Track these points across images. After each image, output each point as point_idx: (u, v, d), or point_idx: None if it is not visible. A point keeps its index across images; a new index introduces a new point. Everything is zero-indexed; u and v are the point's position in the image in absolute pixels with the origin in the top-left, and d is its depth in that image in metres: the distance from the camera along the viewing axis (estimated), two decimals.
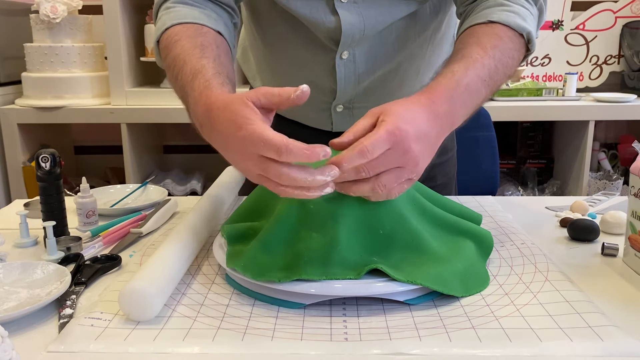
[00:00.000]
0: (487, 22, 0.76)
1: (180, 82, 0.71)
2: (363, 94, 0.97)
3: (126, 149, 2.07)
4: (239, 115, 0.60)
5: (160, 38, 0.80)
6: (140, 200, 1.06)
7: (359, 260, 0.65)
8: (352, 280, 0.63)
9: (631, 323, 0.60)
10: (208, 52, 0.73)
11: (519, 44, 0.77)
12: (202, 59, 0.71)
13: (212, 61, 0.71)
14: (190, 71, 0.70)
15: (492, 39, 0.74)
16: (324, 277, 0.63)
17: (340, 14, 0.86)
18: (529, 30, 0.77)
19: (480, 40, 0.74)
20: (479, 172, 1.42)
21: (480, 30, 0.75)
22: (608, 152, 2.47)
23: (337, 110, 0.99)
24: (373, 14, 0.87)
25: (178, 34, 0.76)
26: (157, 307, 0.61)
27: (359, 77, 0.94)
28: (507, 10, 0.77)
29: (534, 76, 2.43)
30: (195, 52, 0.72)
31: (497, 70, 0.72)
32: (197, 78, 0.68)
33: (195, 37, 0.75)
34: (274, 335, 0.58)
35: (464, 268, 0.68)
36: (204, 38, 0.76)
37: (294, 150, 0.56)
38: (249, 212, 0.77)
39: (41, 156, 0.82)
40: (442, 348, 0.56)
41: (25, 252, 0.83)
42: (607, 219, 0.87)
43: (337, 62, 0.92)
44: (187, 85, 0.69)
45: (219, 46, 0.77)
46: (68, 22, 2.03)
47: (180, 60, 0.72)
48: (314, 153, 0.55)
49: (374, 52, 0.93)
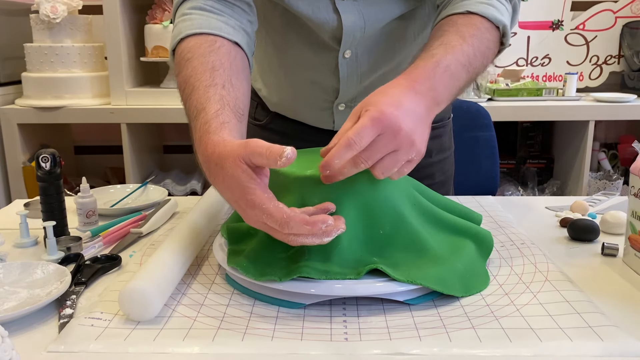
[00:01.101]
0: (466, 12, 0.78)
1: (187, 111, 0.72)
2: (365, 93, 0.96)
3: (126, 149, 2.07)
4: (237, 180, 0.60)
5: (175, 48, 0.79)
6: (140, 200, 1.06)
7: (359, 260, 0.65)
8: (352, 280, 0.63)
9: (631, 323, 0.60)
10: (218, 77, 0.72)
11: (495, 36, 0.79)
12: (210, 88, 0.70)
13: (219, 89, 0.70)
14: (195, 106, 0.69)
15: (470, 28, 0.76)
16: (324, 277, 0.63)
17: (340, 12, 0.87)
18: (505, 24, 0.79)
19: (459, 29, 0.75)
20: (479, 172, 1.42)
21: (458, 20, 0.77)
22: (608, 152, 2.47)
23: (339, 109, 1.00)
24: (372, 11, 0.87)
25: (191, 51, 0.76)
26: (157, 307, 0.61)
27: (361, 75, 0.95)
28: (485, 2, 0.79)
29: (534, 76, 2.43)
30: (204, 77, 0.71)
31: (476, 57, 0.74)
32: (199, 117, 0.68)
33: (208, 56, 0.74)
34: (274, 335, 0.58)
35: (464, 268, 0.68)
36: (217, 56, 0.75)
37: (295, 226, 0.57)
38: None
39: (41, 156, 0.82)
40: (442, 348, 0.56)
41: (25, 252, 0.83)
42: (607, 219, 0.87)
43: (339, 61, 0.92)
44: (192, 120, 0.70)
45: (232, 63, 0.75)
46: (68, 22, 2.03)
47: (189, 86, 0.72)
48: (315, 227, 0.57)
49: (375, 51, 0.93)
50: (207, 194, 0.91)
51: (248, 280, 0.65)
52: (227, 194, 0.63)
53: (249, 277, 0.65)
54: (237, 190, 0.60)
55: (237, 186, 0.60)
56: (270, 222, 0.58)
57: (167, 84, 2.14)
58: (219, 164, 0.62)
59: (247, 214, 0.60)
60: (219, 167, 0.62)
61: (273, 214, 0.57)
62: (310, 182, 0.67)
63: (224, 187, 0.62)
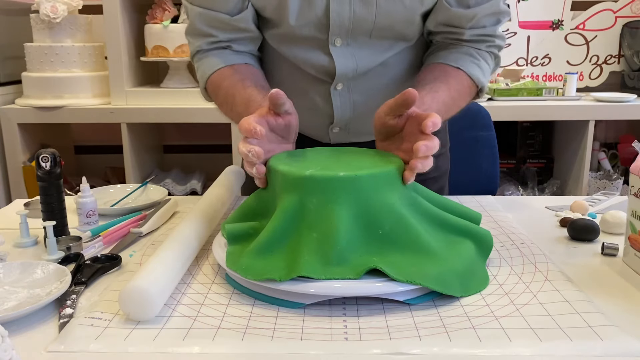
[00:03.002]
0: (457, 68, 0.91)
1: (237, 110, 0.87)
2: (359, 118, 1.02)
3: (126, 148, 2.07)
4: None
5: (205, 85, 0.96)
6: (140, 200, 1.06)
7: (358, 260, 0.65)
8: (352, 280, 0.63)
9: (631, 323, 0.60)
10: (248, 82, 0.89)
11: (473, 92, 0.94)
12: (247, 88, 0.87)
13: (255, 88, 0.87)
14: (242, 101, 0.86)
15: (457, 84, 0.90)
16: (323, 277, 0.63)
17: (334, 56, 0.92)
18: (484, 85, 0.95)
19: (449, 80, 0.89)
20: (479, 172, 1.42)
21: (450, 73, 0.90)
22: (608, 152, 2.47)
23: (333, 131, 1.04)
24: (365, 54, 0.93)
25: (219, 78, 0.93)
26: (157, 307, 0.61)
27: (354, 104, 0.99)
28: (474, 62, 0.93)
29: (534, 76, 2.43)
30: (238, 86, 0.89)
31: (452, 109, 0.89)
32: (250, 104, 0.83)
33: (233, 75, 0.92)
34: (274, 335, 0.58)
35: (463, 268, 0.68)
36: (240, 73, 0.92)
37: (241, 124, 0.70)
38: (249, 212, 0.77)
39: (41, 156, 0.82)
40: (442, 348, 0.56)
41: (25, 252, 0.83)
42: (607, 218, 0.87)
43: (332, 92, 0.97)
44: (244, 111, 0.82)
45: (253, 73, 0.93)
46: (68, 22, 2.03)
47: (230, 96, 0.89)
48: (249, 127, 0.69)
49: (368, 83, 0.98)
50: (207, 193, 0.91)
51: (248, 280, 0.65)
52: None
53: (248, 278, 0.65)
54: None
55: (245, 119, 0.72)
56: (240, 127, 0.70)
57: (167, 84, 2.14)
58: None
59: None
60: None
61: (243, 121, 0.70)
62: (309, 182, 0.67)
63: None
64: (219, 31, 0.93)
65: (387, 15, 0.88)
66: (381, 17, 0.88)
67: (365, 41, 0.92)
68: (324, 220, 0.66)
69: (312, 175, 0.67)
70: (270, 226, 0.68)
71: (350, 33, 0.90)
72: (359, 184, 0.67)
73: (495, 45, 0.95)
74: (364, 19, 0.88)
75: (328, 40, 0.91)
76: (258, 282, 0.64)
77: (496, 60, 0.97)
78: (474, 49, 0.93)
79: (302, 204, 0.67)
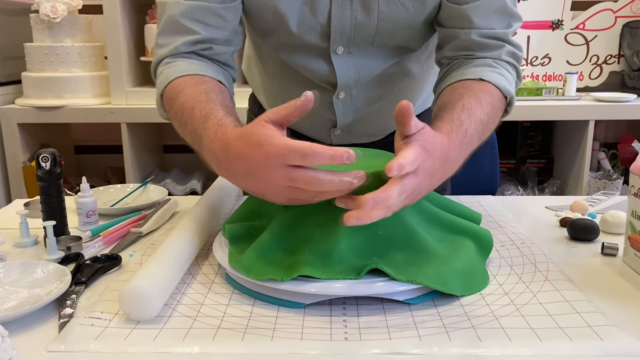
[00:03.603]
0: (479, 79, 0.80)
1: (191, 126, 0.73)
2: (361, 121, 1.02)
3: (126, 148, 2.07)
4: (259, 135, 0.61)
5: (162, 92, 0.82)
6: (140, 200, 1.06)
7: (359, 260, 0.65)
8: (352, 280, 0.63)
9: (631, 323, 0.60)
10: (213, 97, 0.75)
11: (503, 105, 0.82)
12: (210, 102, 0.73)
13: (219, 104, 0.73)
14: (201, 115, 0.71)
15: (487, 96, 0.78)
16: (324, 276, 0.63)
17: (335, 64, 0.91)
18: (513, 95, 0.82)
19: (477, 94, 0.77)
20: (479, 172, 1.42)
21: (475, 86, 0.79)
22: (608, 152, 2.47)
23: (335, 133, 1.04)
24: (366, 63, 0.91)
25: (181, 85, 0.79)
26: (157, 306, 0.61)
27: (356, 110, 0.99)
28: (496, 72, 0.82)
29: (534, 76, 2.43)
30: (201, 98, 0.74)
31: (488, 125, 0.77)
32: (209, 120, 0.70)
33: (199, 85, 0.78)
34: (274, 335, 0.58)
35: (464, 267, 0.68)
36: (207, 85, 0.78)
37: (319, 151, 0.56)
38: (250, 211, 0.77)
39: (41, 156, 0.81)
40: (442, 348, 0.56)
41: (25, 251, 0.83)
42: (607, 218, 0.87)
43: (334, 100, 0.97)
44: (199, 127, 0.71)
45: (222, 92, 0.79)
46: (68, 21, 2.03)
47: (188, 107, 0.74)
48: (337, 154, 0.56)
49: (370, 90, 0.97)
50: (207, 193, 0.91)
51: (248, 280, 0.65)
52: (243, 162, 0.62)
53: (250, 278, 0.65)
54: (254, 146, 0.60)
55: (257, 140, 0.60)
56: (294, 157, 0.57)
57: None
58: (238, 137, 0.63)
59: (269, 174, 0.59)
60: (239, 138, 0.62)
61: (298, 145, 0.57)
62: None
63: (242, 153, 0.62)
64: (203, 26, 0.83)
65: (389, 21, 0.86)
66: (383, 23, 0.86)
67: (367, 49, 0.90)
68: (325, 219, 0.66)
69: None
70: (272, 226, 0.68)
71: (352, 40, 0.88)
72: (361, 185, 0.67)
73: (511, 53, 0.86)
74: (366, 24, 0.86)
75: (330, 48, 0.89)
76: (258, 282, 0.64)
77: (517, 72, 0.88)
78: (491, 58, 0.84)
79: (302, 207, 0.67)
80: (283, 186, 0.60)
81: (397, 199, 0.59)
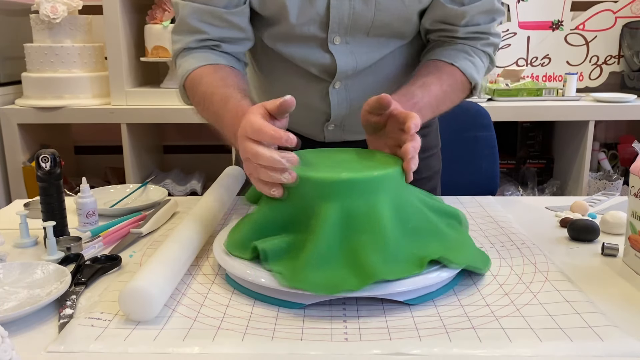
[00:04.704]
0: (451, 64, 0.92)
1: (213, 109, 0.83)
2: (354, 115, 1.02)
3: (126, 149, 2.07)
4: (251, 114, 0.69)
5: (184, 83, 0.92)
6: (140, 200, 1.06)
7: (411, 254, 0.66)
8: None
9: (631, 323, 0.60)
10: (229, 82, 0.86)
11: (466, 89, 0.95)
12: (227, 87, 0.84)
13: (235, 88, 0.83)
14: (221, 98, 0.82)
15: (450, 79, 0.91)
16: (400, 276, 0.63)
17: (335, 55, 0.93)
18: (477, 82, 0.95)
19: (441, 76, 0.90)
20: (479, 172, 1.42)
21: (443, 68, 0.91)
22: (608, 152, 2.47)
23: (329, 128, 1.05)
24: (364, 51, 0.94)
25: (199, 75, 0.89)
26: (157, 307, 0.61)
27: (351, 102, 1.00)
28: (469, 60, 0.93)
29: (534, 76, 2.43)
30: (219, 84, 0.85)
31: (444, 102, 0.90)
32: (229, 102, 0.80)
33: (215, 73, 0.88)
34: (274, 335, 0.58)
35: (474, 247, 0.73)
36: (222, 72, 0.89)
37: (265, 129, 0.65)
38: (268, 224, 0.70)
39: (41, 156, 0.82)
40: (442, 348, 0.56)
41: (25, 252, 0.83)
42: (607, 219, 0.87)
43: (330, 91, 0.98)
44: (220, 109, 0.81)
45: (236, 75, 0.90)
46: (68, 22, 2.03)
47: (208, 94, 0.85)
48: (278, 134, 0.64)
49: (365, 81, 0.98)
50: (207, 194, 0.91)
51: (248, 280, 0.65)
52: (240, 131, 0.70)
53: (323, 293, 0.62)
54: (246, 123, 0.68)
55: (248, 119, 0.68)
56: (250, 131, 0.66)
57: (167, 84, 2.14)
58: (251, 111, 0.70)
59: (240, 145, 0.69)
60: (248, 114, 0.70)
61: (253, 122, 0.66)
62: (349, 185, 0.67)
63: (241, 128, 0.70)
64: (211, 27, 0.91)
65: (386, 12, 0.89)
66: (380, 14, 0.89)
67: (362, 39, 0.92)
68: (371, 221, 0.66)
69: (351, 179, 0.66)
70: (319, 237, 0.65)
71: (349, 30, 0.91)
72: (391, 182, 0.69)
73: (491, 43, 0.96)
74: (363, 15, 0.89)
75: (327, 38, 0.91)
76: (258, 283, 0.64)
77: (491, 60, 0.98)
78: (469, 46, 0.94)
79: (344, 208, 0.66)
80: (245, 157, 0.68)
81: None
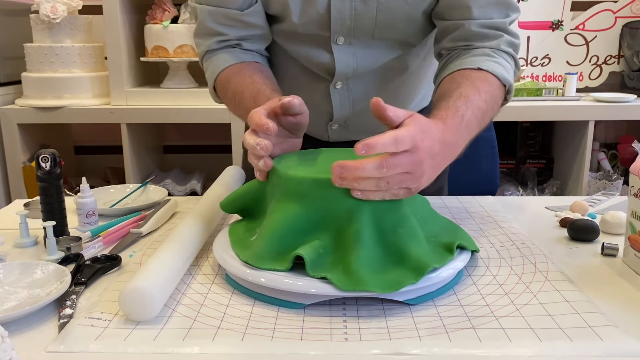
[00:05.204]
0: (477, 68, 0.82)
1: (245, 105, 0.85)
2: (358, 116, 1.02)
3: (126, 149, 2.07)
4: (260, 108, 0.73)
5: (214, 84, 0.96)
6: (140, 200, 1.06)
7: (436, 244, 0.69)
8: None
9: (631, 323, 0.60)
10: (256, 78, 0.88)
11: (502, 93, 0.85)
12: (255, 84, 0.87)
13: (263, 84, 0.86)
14: (251, 95, 0.85)
15: (484, 84, 0.81)
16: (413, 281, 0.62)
17: (335, 55, 0.93)
18: (511, 83, 0.85)
19: (475, 83, 0.80)
20: (479, 172, 1.42)
21: (473, 75, 0.82)
22: (608, 152, 2.47)
23: (332, 128, 1.05)
24: (367, 54, 0.93)
25: (227, 76, 0.93)
26: (157, 307, 0.61)
27: (353, 102, 1.00)
28: (494, 61, 0.84)
29: (534, 76, 2.43)
30: (247, 81, 0.88)
31: (487, 113, 0.79)
32: (258, 98, 0.83)
33: (242, 72, 0.91)
34: (274, 335, 0.58)
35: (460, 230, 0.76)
36: (248, 70, 0.91)
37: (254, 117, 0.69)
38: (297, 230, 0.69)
39: (41, 156, 0.81)
40: (442, 348, 0.56)
41: (25, 252, 0.83)
42: (607, 219, 0.87)
43: (331, 90, 0.98)
44: (250, 105, 0.81)
45: (262, 71, 0.92)
46: (68, 22, 2.03)
47: (238, 93, 0.88)
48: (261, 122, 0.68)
49: (367, 82, 0.98)
50: (207, 194, 0.91)
51: (248, 280, 0.65)
52: None
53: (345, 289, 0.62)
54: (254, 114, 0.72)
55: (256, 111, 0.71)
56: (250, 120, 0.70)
57: (167, 84, 2.14)
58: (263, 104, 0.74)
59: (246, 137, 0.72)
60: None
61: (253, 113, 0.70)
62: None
63: None
64: (229, 29, 0.93)
65: (389, 12, 0.88)
66: (382, 14, 0.88)
67: (368, 42, 0.92)
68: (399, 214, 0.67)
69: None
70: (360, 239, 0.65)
71: (352, 31, 0.90)
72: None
73: (510, 42, 0.88)
74: (366, 16, 0.88)
75: (330, 38, 0.91)
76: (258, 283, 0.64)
77: (515, 62, 0.89)
78: (489, 48, 0.86)
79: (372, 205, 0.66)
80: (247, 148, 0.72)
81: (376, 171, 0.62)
